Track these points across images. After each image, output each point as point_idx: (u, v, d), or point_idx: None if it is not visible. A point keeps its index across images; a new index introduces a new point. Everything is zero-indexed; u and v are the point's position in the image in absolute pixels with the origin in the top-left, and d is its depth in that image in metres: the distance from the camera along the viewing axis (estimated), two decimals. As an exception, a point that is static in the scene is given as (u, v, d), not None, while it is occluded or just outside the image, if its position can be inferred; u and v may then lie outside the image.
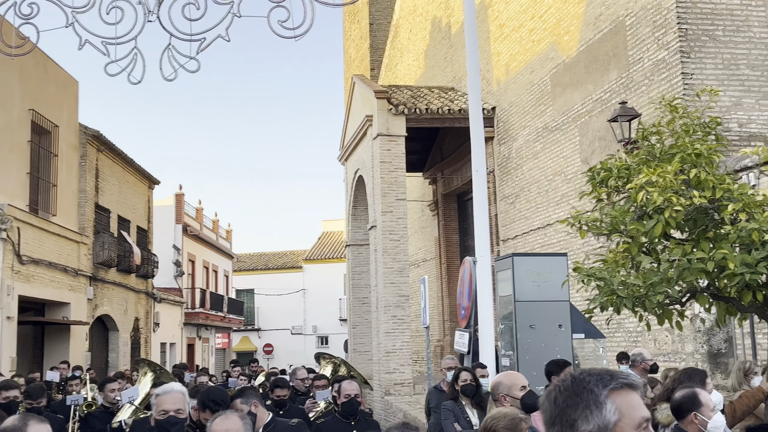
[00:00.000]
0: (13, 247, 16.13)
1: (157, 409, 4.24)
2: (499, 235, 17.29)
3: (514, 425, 4.25)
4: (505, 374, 5.54)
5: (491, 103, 17.87)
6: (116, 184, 23.42)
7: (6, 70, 16.47)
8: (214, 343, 37.12)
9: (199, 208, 35.19)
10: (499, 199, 17.55)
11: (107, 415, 8.48)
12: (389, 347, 16.49)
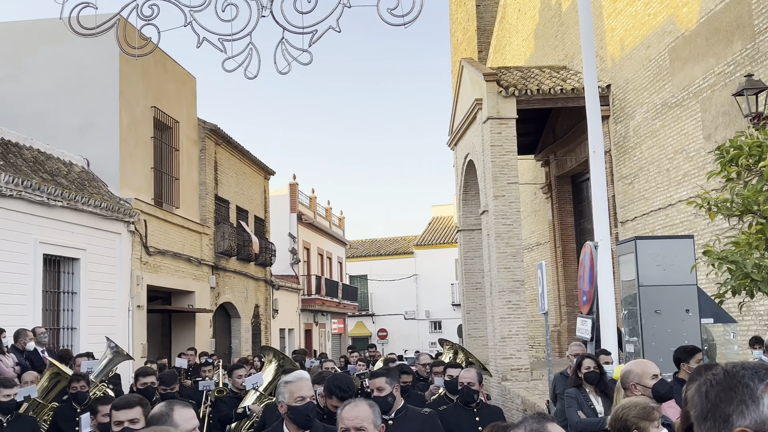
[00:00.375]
0: (141, 240, 16.93)
1: (293, 396, 4.31)
2: (617, 216, 16.80)
3: (646, 414, 4.12)
4: (635, 362, 5.38)
5: (606, 80, 17.34)
6: (234, 175, 24.18)
7: (130, 70, 17.25)
8: (330, 329, 37.87)
9: (312, 197, 35.87)
10: (616, 179, 17.04)
11: (235, 400, 8.79)
12: (505, 332, 16.33)
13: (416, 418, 5.39)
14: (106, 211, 15.28)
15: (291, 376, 4.58)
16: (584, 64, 10.23)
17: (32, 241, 13.20)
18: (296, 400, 4.31)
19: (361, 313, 44.55)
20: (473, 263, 20.97)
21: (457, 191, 22.20)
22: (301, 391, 4.33)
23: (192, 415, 3.51)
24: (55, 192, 13.70)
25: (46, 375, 8.40)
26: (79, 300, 14.64)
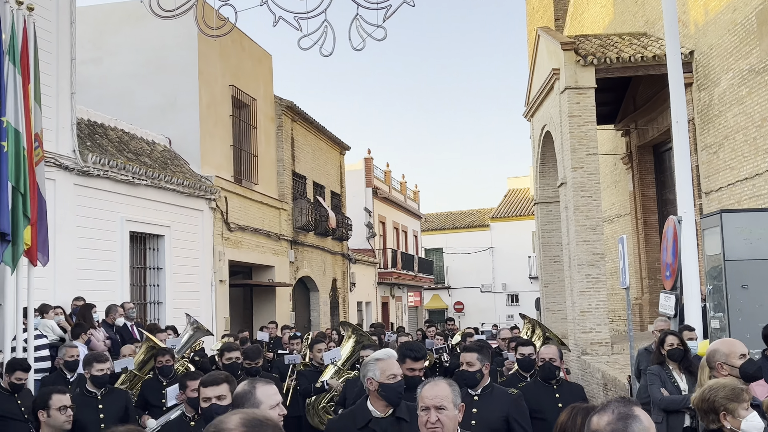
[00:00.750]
0: (222, 216, 17.33)
1: (385, 374, 4.37)
2: (701, 187, 16.29)
3: (735, 396, 4.03)
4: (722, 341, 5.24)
5: (689, 47, 16.74)
6: (310, 151, 24.44)
7: (208, 50, 17.57)
8: (406, 302, 38.09)
9: (387, 171, 35.97)
10: (699, 149, 16.51)
11: (315, 374, 8.97)
12: (584, 306, 16.10)
13: (502, 398, 5.40)
14: (189, 188, 15.69)
15: (382, 353, 4.64)
16: (666, 30, 9.90)
17: (119, 219, 13.67)
18: (388, 378, 4.38)
19: (437, 286, 44.62)
20: (551, 236, 20.70)
21: (534, 163, 21.89)
22: (392, 369, 4.40)
23: (274, 391, 3.61)
24: (140, 171, 14.13)
25: (143, 348, 8.75)
26: (165, 275, 15.13)
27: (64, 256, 11.94)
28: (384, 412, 4.39)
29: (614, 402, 2.57)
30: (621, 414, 2.49)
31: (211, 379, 4.37)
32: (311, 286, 24.22)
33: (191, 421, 5.66)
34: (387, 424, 4.29)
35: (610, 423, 2.48)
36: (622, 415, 2.49)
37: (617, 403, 2.56)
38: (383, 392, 4.36)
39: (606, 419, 2.50)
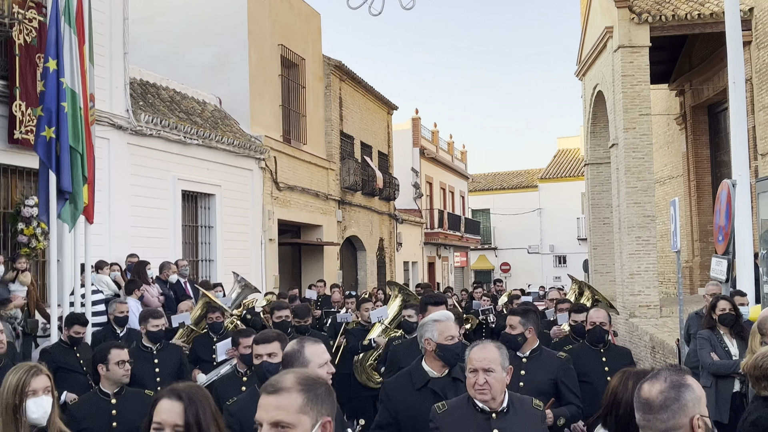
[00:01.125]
0: (271, 176, 17.51)
1: (443, 335, 4.45)
2: (757, 148, 15.88)
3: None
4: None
5: (748, 3, 16.20)
6: (358, 111, 24.43)
7: (257, 9, 17.60)
8: (452, 262, 38.14)
9: (434, 131, 35.79)
10: (757, 109, 16.06)
11: (363, 333, 9.12)
12: (633, 269, 15.94)
13: (551, 361, 5.44)
14: (239, 148, 15.86)
15: (440, 315, 4.71)
16: (725, -12, 9.61)
17: (171, 178, 13.91)
18: (446, 339, 4.46)
19: (484, 247, 44.52)
20: (601, 197, 20.45)
21: (585, 123, 21.56)
22: (450, 330, 4.48)
23: (322, 350, 3.70)
24: (191, 131, 14.32)
25: (200, 304, 8.98)
26: (216, 233, 15.40)
27: (119, 214, 12.22)
28: (440, 372, 4.46)
29: (666, 370, 2.58)
30: (673, 383, 2.50)
31: (263, 337, 4.49)
32: (358, 246, 24.40)
33: (243, 376, 5.82)
34: (444, 384, 4.36)
35: (663, 392, 2.50)
36: (675, 384, 2.50)
37: (669, 371, 2.57)
38: (440, 353, 4.43)
39: (658, 387, 2.52)
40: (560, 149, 48.01)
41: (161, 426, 2.64)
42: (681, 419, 2.47)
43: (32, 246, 10.13)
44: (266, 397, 2.28)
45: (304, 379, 2.32)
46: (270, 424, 2.24)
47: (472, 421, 3.73)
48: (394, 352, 6.00)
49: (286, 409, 2.23)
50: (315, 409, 2.26)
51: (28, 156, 10.26)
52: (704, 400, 2.51)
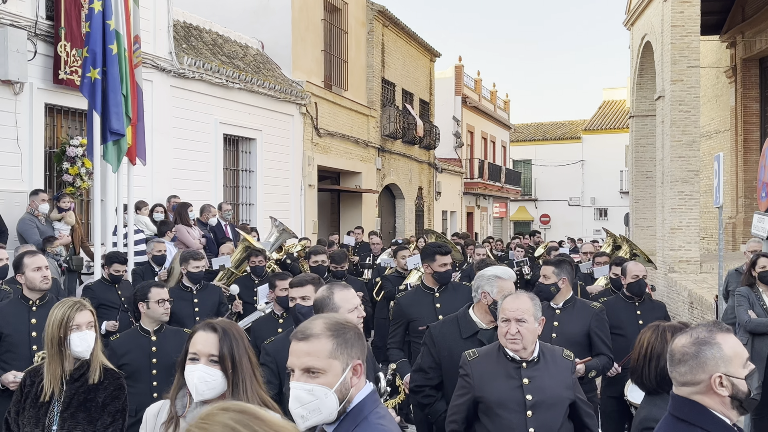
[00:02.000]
0: (312, 121, 17.52)
1: (502, 293, 4.47)
2: (810, 104, 15.45)
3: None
4: (815, 266, 5.10)
5: (808, -49, 15.59)
6: (400, 58, 24.19)
7: (300, -47, 17.39)
8: (491, 212, 38.01)
9: (477, 79, 35.34)
10: (811, 63, 15.58)
11: (400, 279, 9.21)
12: (675, 224, 15.75)
13: (584, 311, 5.46)
14: (280, 93, 15.87)
15: (503, 272, 4.73)
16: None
17: (213, 121, 14.01)
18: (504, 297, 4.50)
19: (524, 198, 44.25)
20: (645, 151, 20.13)
21: (632, 74, 21.10)
22: (509, 290, 4.50)
23: (352, 295, 3.76)
24: (233, 74, 14.35)
25: (240, 247, 9.12)
26: (256, 178, 15.53)
27: (161, 155, 12.38)
28: (489, 324, 4.51)
29: (702, 326, 2.59)
30: (698, 339, 2.52)
31: (298, 281, 4.57)
32: (397, 194, 24.42)
33: (279, 318, 5.94)
34: (492, 336, 4.41)
35: (684, 345, 2.54)
36: (699, 341, 2.52)
37: (704, 327, 2.57)
38: (494, 309, 4.47)
39: (682, 342, 2.56)
40: (605, 100, 47.14)
41: (197, 356, 2.77)
42: (699, 375, 2.49)
43: (77, 185, 10.33)
44: (297, 344, 2.34)
45: (333, 324, 2.37)
46: (302, 370, 2.30)
47: (503, 369, 3.78)
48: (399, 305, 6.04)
49: (317, 355, 2.29)
50: (345, 353, 2.31)
51: (73, 96, 10.40)
52: (737, 360, 2.49)
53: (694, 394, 2.52)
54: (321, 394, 2.26)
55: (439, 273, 5.60)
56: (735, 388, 2.46)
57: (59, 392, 3.84)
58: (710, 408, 2.49)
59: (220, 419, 1.59)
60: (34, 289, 5.27)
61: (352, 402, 2.32)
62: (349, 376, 2.31)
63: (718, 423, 2.48)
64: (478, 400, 3.79)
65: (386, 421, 2.33)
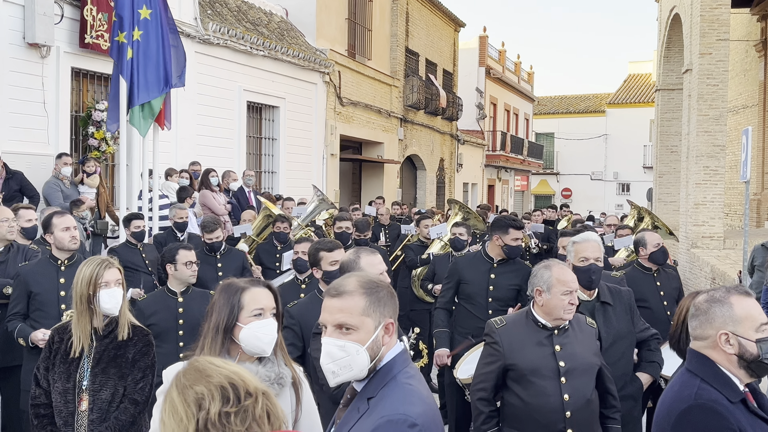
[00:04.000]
0: (335, 90, 17.47)
1: (578, 256, 4.51)
2: (841, 79, 15.17)
3: None
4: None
5: None
6: (424, 27, 23.99)
7: None
8: (513, 185, 37.86)
9: (501, 51, 35.01)
10: (844, 37, 15.26)
11: (422, 248, 9.24)
12: (699, 199, 15.60)
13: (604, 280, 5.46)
14: (304, 61, 15.83)
15: (580, 236, 4.74)
16: None
17: (237, 89, 14.02)
18: (580, 261, 4.51)
19: (546, 171, 43.98)
20: (670, 125, 19.90)
21: (659, 47, 20.81)
22: (585, 252, 4.51)
23: (379, 260, 3.79)
24: (258, 41, 14.32)
25: (261, 215, 9.16)
26: (279, 146, 15.55)
27: (185, 121, 12.42)
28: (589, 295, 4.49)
29: (723, 287, 2.63)
30: (713, 297, 2.61)
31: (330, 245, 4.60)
32: (419, 165, 24.37)
33: (302, 283, 5.99)
34: (593, 307, 4.43)
35: (699, 302, 2.64)
36: (713, 298, 2.61)
37: (724, 288, 2.63)
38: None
39: (701, 298, 2.66)
40: (631, 74, 46.57)
41: (263, 311, 2.86)
42: (706, 330, 2.59)
43: (102, 150, 10.41)
44: (330, 300, 2.35)
45: (366, 282, 2.38)
46: (334, 326, 2.31)
47: (534, 336, 3.81)
48: (457, 264, 6.07)
49: (350, 312, 2.30)
50: (378, 312, 2.32)
51: (99, 60, 10.45)
52: (749, 322, 2.53)
53: (703, 348, 2.61)
54: (353, 350, 2.27)
55: (510, 247, 5.65)
56: (742, 348, 2.52)
57: (89, 348, 3.90)
58: (718, 363, 2.57)
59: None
60: (63, 249, 5.33)
61: (383, 360, 2.33)
62: (381, 335, 2.32)
63: (722, 378, 2.55)
64: (509, 368, 3.81)
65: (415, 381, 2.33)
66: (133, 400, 3.92)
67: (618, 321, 4.39)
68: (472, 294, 5.76)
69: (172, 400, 1.79)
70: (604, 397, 3.93)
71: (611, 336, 4.34)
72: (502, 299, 5.65)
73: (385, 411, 2.19)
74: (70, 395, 3.88)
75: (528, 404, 3.74)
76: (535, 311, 3.86)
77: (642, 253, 6.28)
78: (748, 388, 2.61)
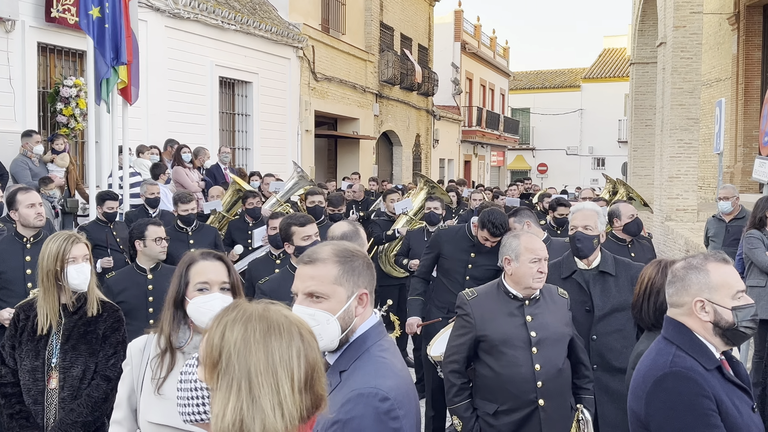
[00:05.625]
0: (309, 65, 17.30)
1: (570, 226, 4.52)
2: (813, 51, 15.26)
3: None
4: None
5: None
6: (399, 1, 23.80)
7: None
8: (489, 161, 37.90)
9: (477, 25, 34.86)
10: (816, 10, 15.33)
11: (388, 223, 9.18)
12: (673, 172, 15.69)
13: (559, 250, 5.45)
14: (277, 35, 15.63)
15: (575, 206, 4.78)
16: None
17: (209, 64, 13.82)
18: (571, 230, 4.52)
19: (522, 147, 44.06)
20: (645, 99, 19.97)
21: (633, 20, 20.83)
22: (574, 221, 4.50)
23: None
24: (229, 15, 14.10)
25: (230, 191, 9.05)
26: (253, 122, 15.39)
27: (157, 97, 12.23)
28: (587, 264, 4.45)
29: (701, 254, 2.60)
30: (689, 263, 2.61)
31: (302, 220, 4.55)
32: (395, 141, 24.28)
33: (276, 258, 5.92)
34: (590, 276, 4.38)
35: (675, 269, 2.63)
36: (690, 265, 2.60)
37: (701, 255, 2.60)
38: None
39: (679, 264, 2.65)
40: (606, 48, 46.64)
41: (207, 285, 2.72)
42: (683, 297, 2.58)
43: (71, 127, 10.22)
44: (303, 267, 2.28)
45: (341, 251, 2.30)
46: (305, 294, 2.24)
47: (504, 307, 3.79)
48: (438, 237, 6.03)
49: (321, 280, 2.22)
50: (351, 281, 2.24)
51: (67, 35, 10.23)
52: (725, 290, 2.52)
53: (679, 315, 2.60)
54: (323, 319, 2.20)
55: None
56: (717, 316, 2.51)
57: (57, 325, 3.82)
58: (694, 330, 2.55)
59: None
60: (28, 225, 5.22)
61: (356, 332, 2.25)
62: (354, 305, 2.24)
63: (697, 345, 2.54)
64: (480, 339, 3.79)
65: (389, 354, 2.25)
66: (105, 376, 3.84)
67: (619, 292, 4.31)
68: (450, 269, 5.74)
69: None
70: (576, 367, 3.93)
71: (607, 306, 4.27)
72: (480, 278, 5.62)
73: (356, 384, 2.12)
74: (39, 373, 3.80)
75: (499, 375, 3.72)
76: (506, 282, 3.84)
77: (616, 224, 6.28)
78: (725, 356, 2.60)
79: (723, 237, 8.46)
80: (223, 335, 1.58)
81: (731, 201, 8.51)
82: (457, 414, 3.83)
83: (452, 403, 3.85)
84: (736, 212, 8.54)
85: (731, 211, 8.54)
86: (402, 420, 2.11)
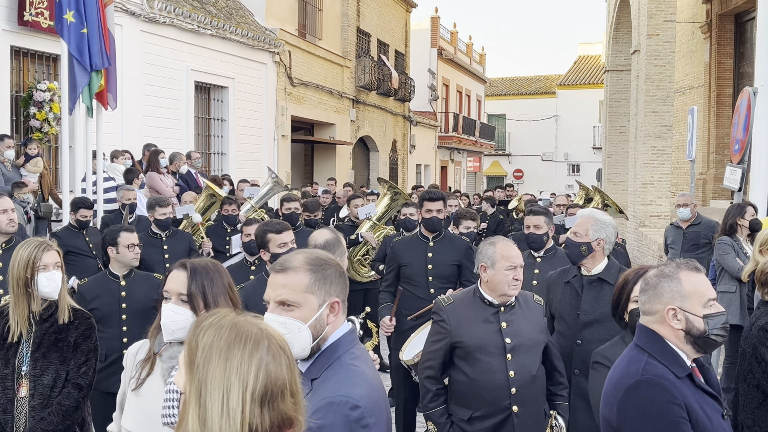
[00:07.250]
0: (286, 70, 17.26)
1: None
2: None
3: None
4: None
5: None
6: (375, 7, 23.83)
7: None
8: (465, 167, 38.04)
9: (453, 32, 35.02)
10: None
11: (352, 228, 9.16)
12: (647, 179, 15.86)
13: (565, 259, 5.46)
14: (253, 40, 15.59)
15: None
16: None
17: (184, 68, 13.74)
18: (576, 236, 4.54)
19: (498, 153, 44.29)
20: (619, 106, 20.18)
21: (608, 28, 21.04)
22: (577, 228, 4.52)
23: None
24: (205, 20, 14.05)
25: (203, 196, 9.00)
26: (229, 127, 15.32)
27: (131, 102, 12.14)
28: (588, 270, 4.43)
29: (673, 262, 2.64)
30: (661, 272, 2.63)
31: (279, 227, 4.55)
32: (371, 146, 24.29)
33: (252, 265, 5.90)
34: (586, 282, 4.37)
35: (648, 277, 2.66)
36: (662, 273, 2.62)
37: (673, 263, 2.63)
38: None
39: (651, 272, 2.66)
40: (581, 55, 47.05)
41: (168, 294, 2.71)
42: (655, 305, 2.60)
43: (44, 131, 10.11)
44: (274, 276, 2.28)
45: (313, 259, 2.30)
46: (276, 303, 2.24)
47: (480, 313, 3.79)
48: (394, 249, 6.05)
49: (293, 288, 2.22)
50: (323, 289, 2.24)
51: (40, 39, 10.13)
52: (697, 298, 2.54)
53: (652, 323, 2.62)
54: (294, 327, 2.20)
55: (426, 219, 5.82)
56: (689, 324, 2.53)
57: (27, 333, 3.78)
58: (666, 338, 2.58)
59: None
60: (0, 231, 5.16)
61: (327, 340, 2.26)
62: (326, 314, 2.25)
63: (669, 353, 2.56)
64: (456, 345, 3.79)
65: (360, 362, 2.25)
66: (76, 384, 3.80)
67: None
68: (412, 275, 5.78)
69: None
70: (551, 374, 3.94)
71: (596, 312, 4.20)
72: (443, 276, 5.68)
73: (327, 392, 2.12)
74: (9, 381, 3.76)
75: (474, 381, 3.73)
76: (482, 288, 3.85)
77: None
78: (696, 364, 2.63)
79: (681, 243, 8.62)
80: (198, 340, 1.58)
81: (689, 208, 8.66)
82: (432, 419, 3.84)
83: (427, 409, 3.85)
84: (692, 219, 8.70)
85: (689, 218, 8.69)
86: (372, 428, 2.11)
